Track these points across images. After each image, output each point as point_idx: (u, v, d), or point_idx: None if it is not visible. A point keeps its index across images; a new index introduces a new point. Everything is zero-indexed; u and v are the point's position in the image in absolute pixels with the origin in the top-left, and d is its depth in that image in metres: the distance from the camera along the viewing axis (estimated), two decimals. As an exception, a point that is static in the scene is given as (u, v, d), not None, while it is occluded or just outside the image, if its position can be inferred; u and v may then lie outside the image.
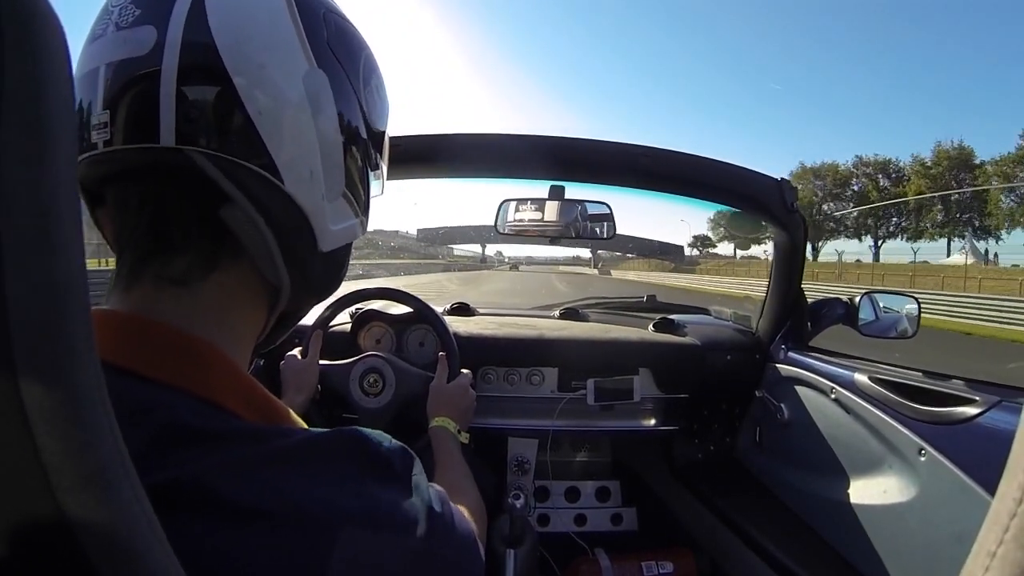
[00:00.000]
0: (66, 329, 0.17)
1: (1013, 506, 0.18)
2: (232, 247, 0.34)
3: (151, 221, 0.33)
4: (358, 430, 0.35)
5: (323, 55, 0.36)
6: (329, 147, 0.36)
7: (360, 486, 0.32)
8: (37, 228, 0.16)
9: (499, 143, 1.04)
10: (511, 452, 1.30)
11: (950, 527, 0.73)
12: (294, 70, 0.34)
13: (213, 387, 0.32)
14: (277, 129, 0.33)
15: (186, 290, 0.34)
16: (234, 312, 0.36)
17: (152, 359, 0.31)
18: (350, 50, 0.39)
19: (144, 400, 0.29)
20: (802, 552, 0.94)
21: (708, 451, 1.33)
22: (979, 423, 0.72)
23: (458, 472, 0.70)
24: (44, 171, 0.16)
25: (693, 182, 1.10)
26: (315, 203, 0.36)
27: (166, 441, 0.28)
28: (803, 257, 1.18)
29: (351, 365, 0.98)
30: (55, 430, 0.17)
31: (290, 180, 0.34)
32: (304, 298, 0.42)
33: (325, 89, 0.36)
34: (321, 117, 0.35)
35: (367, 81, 0.41)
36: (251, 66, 0.32)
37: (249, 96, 0.32)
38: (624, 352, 1.24)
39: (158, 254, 0.34)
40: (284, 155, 0.34)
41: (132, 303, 0.33)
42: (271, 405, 0.36)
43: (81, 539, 0.17)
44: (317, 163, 0.36)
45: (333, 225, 0.38)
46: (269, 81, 0.33)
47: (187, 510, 0.26)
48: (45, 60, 0.16)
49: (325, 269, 0.40)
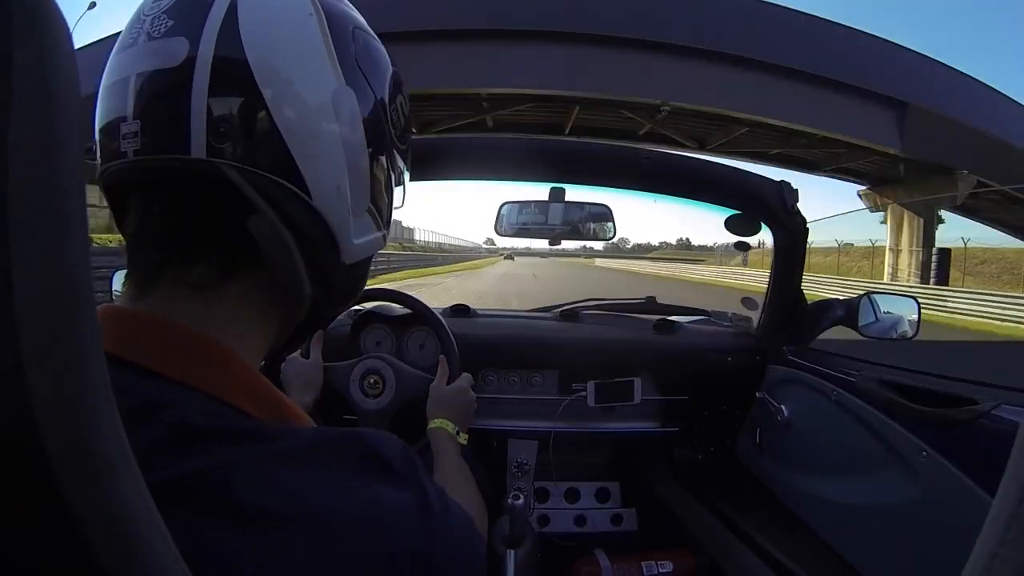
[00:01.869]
0: (73, 327, 0.17)
1: (1014, 507, 0.18)
2: (252, 256, 0.35)
3: (175, 229, 0.34)
4: (364, 431, 0.36)
5: (351, 72, 0.36)
6: (356, 163, 0.37)
7: (365, 486, 0.33)
8: (44, 227, 0.16)
9: (500, 145, 1.04)
10: (511, 453, 1.30)
11: (951, 528, 0.73)
12: (324, 86, 0.35)
13: (225, 386, 0.33)
14: (306, 144, 0.34)
15: (203, 295, 0.34)
16: (249, 319, 0.37)
17: (168, 357, 0.32)
18: (378, 68, 0.40)
19: (158, 397, 0.30)
20: (802, 553, 0.94)
21: (708, 452, 1.33)
22: (980, 424, 0.72)
23: (457, 473, 0.70)
24: (52, 171, 0.16)
25: (694, 184, 1.10)
26: (341, 218, 0.37)
27: (177, 438, 0.28)
28: (803, 258, 1.18)
29: (351, 366, 0.98)
30: (60, 425, 0.17)
31: (317, 195, 0.35)
32: (325, 308, 0.42)
33: (353, 106, 0.36)
34: (349, 134, 0.36)
35: (393, 98, 0.42)
36: (281, 81, 0.33)
37: (278, 110, 0.33)
38: (624, 354, 1.24)
39: (178, 260, 0.34)
40: (312, 170, 0.34)
41: (150, 305, 0.34)
42: (281, 404, 0.36)
43: (85, 534, 0.18)
44: (344, 179, 0.36)
45: (357, 239, 0.39)
46: (298, 96, 0.34)
47: (196, 507, 0.27)
48: (53, 61, 0.16)
49: (347, 281, 0.41)
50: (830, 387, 1.00)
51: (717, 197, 1.15)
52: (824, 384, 1.02)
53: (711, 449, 1.33)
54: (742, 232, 1.22)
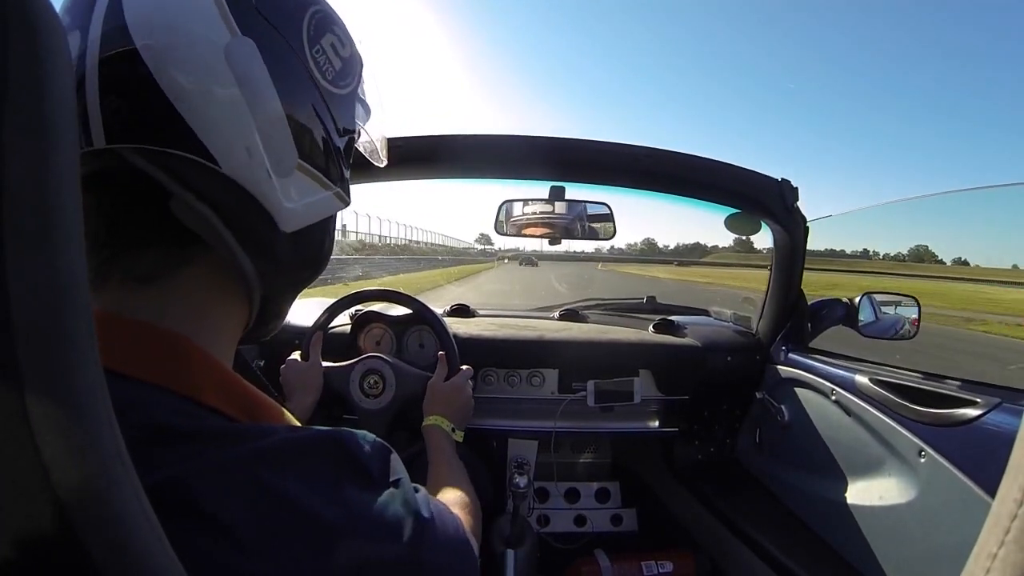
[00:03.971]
0: (68, 329, 0.17)
1: (1014, 508, 0.18)
2: (201, 239, 0.33)
3: (109, 223, 0.33)
4: (340, 431, 0.34)
5: (250, 20, 0.33)
6: (267, 120, 0.33)
7: (337, 491, 0.31)
8: (40, 228, 0.16)
9: (499, 143, 1.04)
10: (511, 453, 1.30)
11: (950, 529, 0.73)
12: (212, 42, 0.31)
13: (191, 383, 0.32)
14: (201, 109, 0.31)
15: (155, 287, 0.33)
16: (211, 305, 0.36)
17: (127, 356, 0.30)
18: (287, 10, 0.36)
19: (121, 399, 0.28)
20: (802, 553, 0.94)
21: (708, 452, 1.33)
22: (979, 425, 0.71)
23: (452, 470, 0.68)
24: (46, 171, 0.16)
25: (693, 182, 1.10)
26: (261, 182, 0.33)
27: (144, 442, 0.27)
28: (803, 258, 1.18)
29: (351, 366, 0.98)
30: (56, 429, 0.17)
31: (226, 161, 0.32)
32: (280, 282, 0.40)
33: (254, 58, 0.33)
34: (252, 89, 0.32)
35: (316, 40, 0.37)
36: (161, 46, 0.30)
37: (164, 77, 0.30)
38: (624, 353, 1.24)
39: (122, 254, 0.33)
40: (214, 136, 0.31)
41: (103, 303, 0.33)
42: (252, 399, 0.35)
43: (83, 538, 0.17)
44: (255, 139, 0.33)
45: (290, 202, 0.35)
46: (184, 58, 0.31)
47: (165, 514, 0.25)
48: (47, 61, 0.16)
49: (296, 249, 0.38)
50: (830, 387, 1.00)
51: (716, 195, 1.15)
52: (824, 384, 1.02)
53: (711, 449, 1.33)
54: (742, 231, 1.21)
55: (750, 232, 1.21)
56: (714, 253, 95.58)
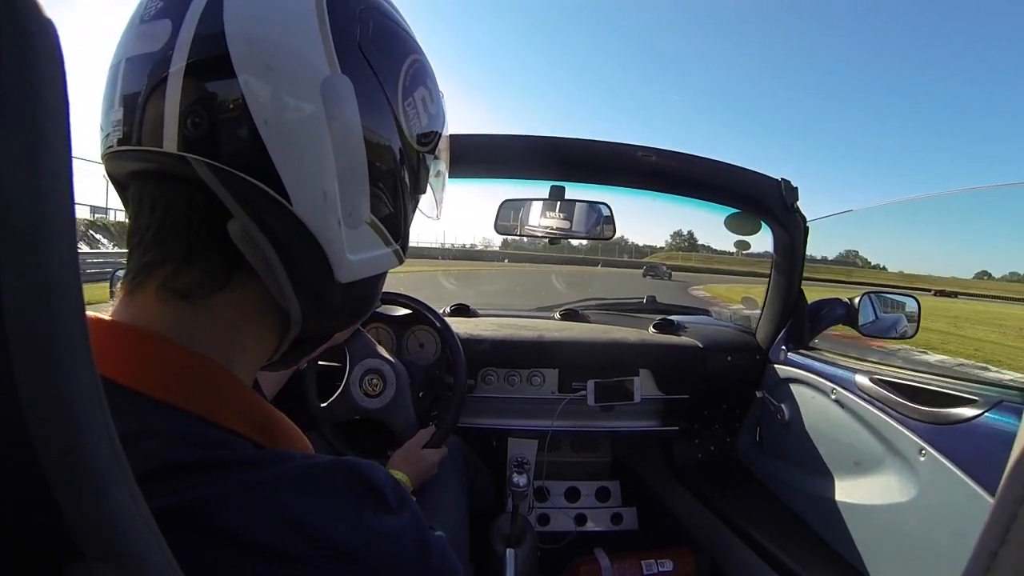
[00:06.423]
0: (62, 328, 0.17)
1: (1014, 507, 0.18)
2: (247, 266, 0.32)
3: (159, 228, 0.31)
4: (355, 460, 0.33)
5: (352, 58, 0.31)
6: (349, 167, 0.32)
7: (357, 517, 0.30)
8: (31, 228, 0.16)
9: (499, 143, 1.04)
10: (511, 452, 1.30)
11: (950, 528, 0.73)
12: (311, 74, 0.30)
13: (215, 407, 0.31)
14: (285, 142, 0.29)
15: (191, 305, 0.31)
16: (242, 332, 0.34)
17: (153, 376, 0.30)
18: (390, 55, 0.34)
19: (139, 423, 0.27)
20: (802, 552, 0.94)
21: (708, 451, 1.33)
22: (979, 423, 0.71)
23: None
24: (38, 172, 0.16)
25: (693, 182, 1.10)
26: (329, 229, 0.31)
27: (163, 468, 0.26)
28: (803, 257, 1.18)
29: (351, 366, 0.98)
30: (51, 429, 0.17)
31: (299, 201, 0.30)
32: (322, 326, 0.38)
33: (348, 98, 0.31)
34: (340, 131, 0.31)
35: (409, 92, 0.35)
36: (259, 66, 0.28)
37: (255, 100, 0.28)
38: (624, 353, 1.24)
39: (165, 263, 0.31)
40: (292, 172, 0.29)
41: (133, 313, 0.32)
42: (273, 422, 0.34)
43: (78, 539, 0.17)
44: (334, 185, 0.31)
45: (353, 255, 0.33)
46: (279, 85, 0.29)
47: (184, 537, 0.25)
48: (39, 61, 0.16)
49: (346, 300, 0.35)
50: (830, 386, 1.00)
51: (716, 195, 1.15)
52: (824, 383, 1.02)
53: (711, 448, 1.33)
54: (742, 231, 1.21)
55: (750, 232, 1.21)
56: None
